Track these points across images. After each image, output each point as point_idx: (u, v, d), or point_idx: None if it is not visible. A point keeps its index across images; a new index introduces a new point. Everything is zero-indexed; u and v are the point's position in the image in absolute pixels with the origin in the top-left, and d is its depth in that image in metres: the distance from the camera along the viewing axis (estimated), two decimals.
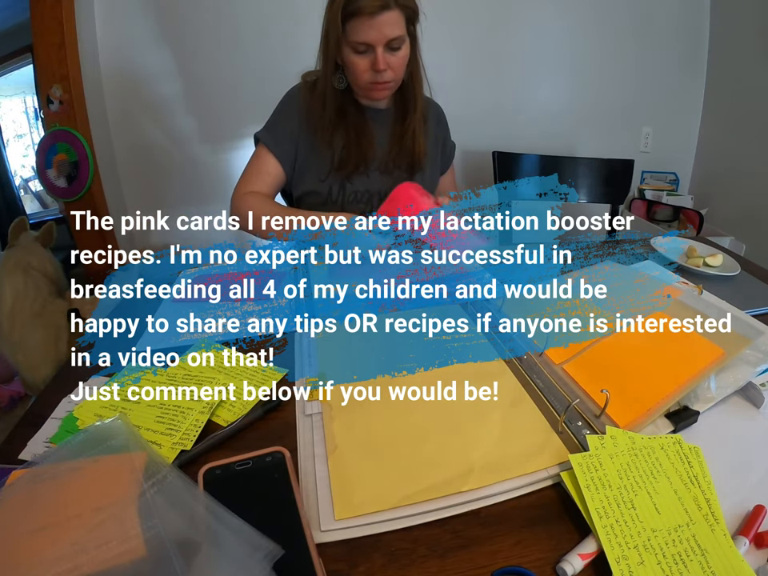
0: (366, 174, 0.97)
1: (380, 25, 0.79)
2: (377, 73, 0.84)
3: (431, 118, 1.03)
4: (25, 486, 0.39)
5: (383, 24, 0.79)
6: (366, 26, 0.79)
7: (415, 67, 0.92)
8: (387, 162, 0.98)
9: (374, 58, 0.82)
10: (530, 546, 0.38)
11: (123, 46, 1.75)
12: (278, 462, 0.41)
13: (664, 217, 1.97)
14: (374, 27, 0.79)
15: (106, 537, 0.34)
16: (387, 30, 0.80)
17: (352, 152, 0.94)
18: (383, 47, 0.81)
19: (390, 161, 0.98)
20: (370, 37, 0.80)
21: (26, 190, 2.52)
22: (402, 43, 0.84)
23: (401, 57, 0.85)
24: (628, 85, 2.05)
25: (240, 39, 1.78)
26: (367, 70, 0.84)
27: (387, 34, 0.80)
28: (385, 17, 0.78)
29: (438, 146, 1.07)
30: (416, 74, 0.93)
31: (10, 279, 1.45)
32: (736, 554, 0.35)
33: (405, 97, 0.95)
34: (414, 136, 0.95)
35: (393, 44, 0.82)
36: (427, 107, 1.01)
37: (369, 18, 0.78)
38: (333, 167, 0.95)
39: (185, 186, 1.95)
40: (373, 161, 0.97)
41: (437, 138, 1.06)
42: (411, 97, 0.94)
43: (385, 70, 0.84)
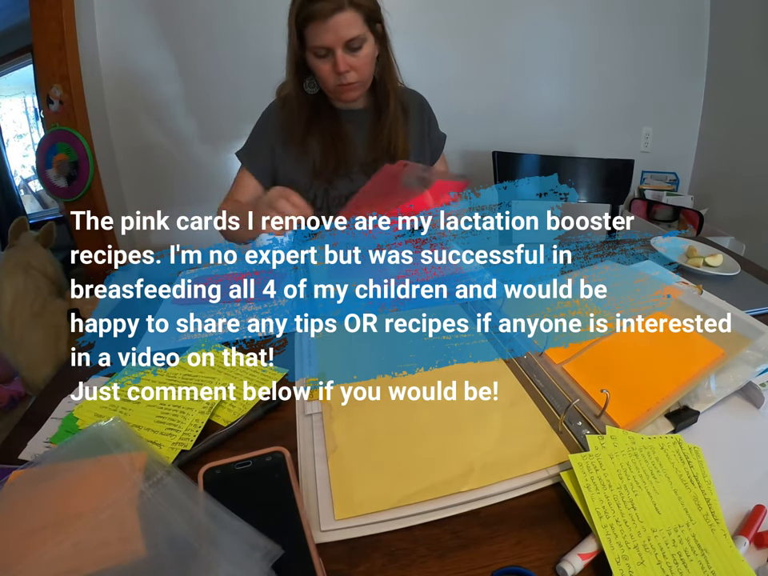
0: (349, 176, 0.96)
1: (335, 27, 0.78)
2: (339, 75, 0.84)
3: (413, 110, 1.02)
4: (25, 486, 0.39)
5: (338, 26, 0.78)
6: (322, 30, 0.79)
7: (387, 64, 0.91)
8: (369, 163, 0.96)
9: (334, 60, 0.82)
10: (530, 546, 0.38)
11: (123, 45, 1.75)
12: (278, 461, 0.41)
13: (664, 217, 1.97)
14: (329, 30, 0.78)
15: (106, 537, 0.34)
16: (343, 32, 0.79)
17: (329, 157, 0.93)
18: (342, 49, 0.81)
19: (372, 161, 0.96)
20: (326, 40, 0.80)
21: (26, 190, 2.52)
22: (363, 43, 0.82)
23: (362, 56, 0.84)
24: (628, 85, 2.06)
25: (240, 39, 1.78)
26: (330, 72, 0.84)
27: (343, 36, 0.79)
28: (339, 18, 0.78)
29: (424, 139, 1.05)
30: (388, 71, 0.92)
31: (10, 279, 1.46)
32: (736, 553, 0.35)
33: (377, 95, 0.95)
34: (390, 133, 0.94)
35: (352, 44, 0.81)
36: (408, 100, 0.99)
37: (323, 21, 0.78)
38: (314, 174, 0.95)
39: (185, 186, 1.95)
40: (353, 163, 0.96)
41: (422, 131, 1.04)
42: (384, 95, 0.93)
43: (347, 71, 0.83)
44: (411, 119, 1.00)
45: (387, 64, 0.91)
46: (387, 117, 0.94)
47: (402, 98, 0.97)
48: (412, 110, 1.01)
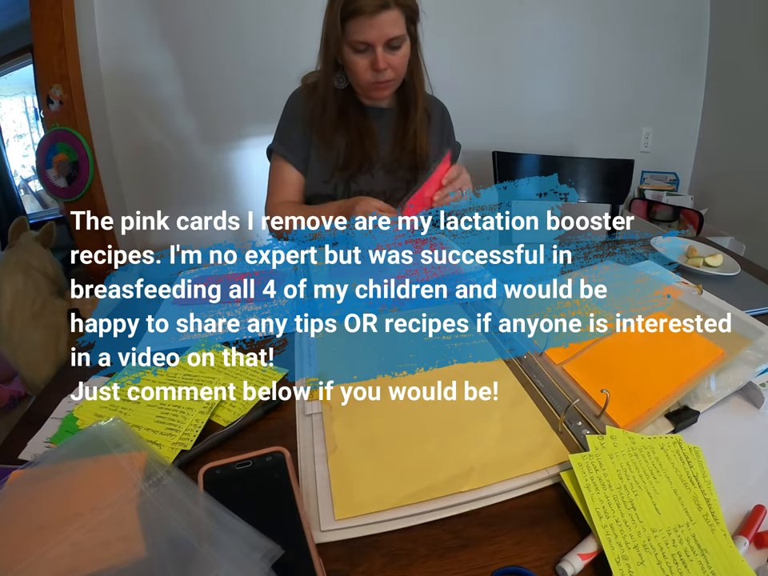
0: (371, 173, 0.98)
1: (380, 24, 0.79)
2: (377, 72, 0.85)
3: (435, 117, 1.04)
4: (25, 485, 0.39)
5: (383, 23, 0.79)
6: (366, 26, 0.79)
7: (416, 66, 0.93)
8: (391, 162, 0.98)
9: (374, 57, 0.83)
10: (530, 546, 0.38)
11: (123, 46, 1.75)
12: (278, 461, 0.41)
13: (664, 217, 1.97)
14: (373, 27, 0.79)
15: (106, 537, 0.34)
16: (387, 30, 0.80)
17: (355, 152, 0.94)
18: (383, 46, 0.82)
19: (394, 160, 0.98)
20: (370, 36, 0.80)
21: (26, 190, 2.52)
22: (402, 42, 0.84)
23: (401, 56, 0.85)
24: (628, 85, 2.06)
25: (240, 39, 1.78)
26: (367, 69, 0.85)
27: (387, 33, 0.81)
28: (384, 16, 0.79)
29: (444, 145, 1.07)
30: (417, 73, 0.93)
31: (10, 279, 1.45)
32: (736, 554, 0.35)
33: (406, 96, 0.96)
34: (416, 135, 0.96)
35: (393, 43, 0.83)
36: (431, 106, 1.01)
37: (369, 17, 0.78)
38: (337, 168, 0.96)
39: (185, 186, 1.95)
40: (376, 160, 0.97)
41: (441, 137, 1.06)
42: (413, 96, 0.95)
43: (385, 69, 0.84)
44: (433, 124, 1.03)
45: (417, 66, 0.93)
46: (414, 119, 0.95)
47: (427, 103, 0.98)
48: (434, 116, 1.03)
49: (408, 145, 0.97)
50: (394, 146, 0.98)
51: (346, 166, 0.95)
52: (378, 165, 0.98)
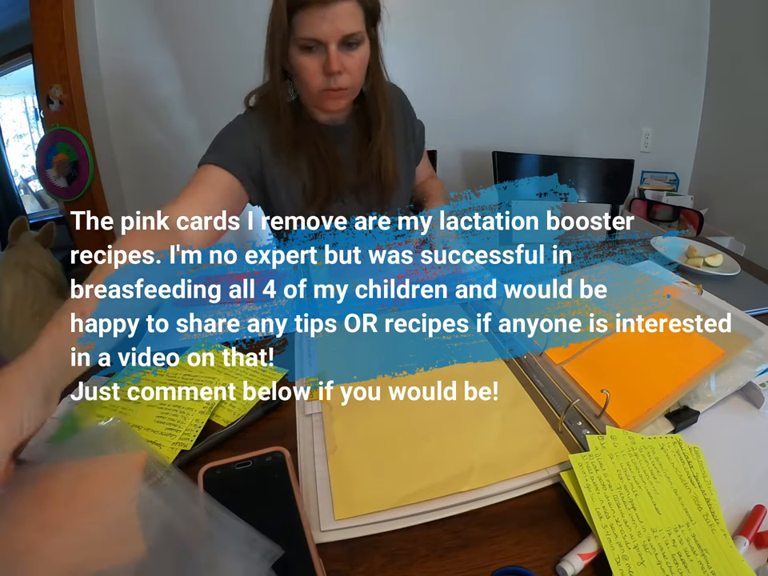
0: (342, 200, 0.87)
1: (333, 17, 0.67)
2: (329, 76, 0.72)
3: (397, 112, 0.91)
4: (25, 486, 0.39)
5: (337, 16, 0.67)
6: (317, 18, 0.66)
7: (378, 75, 0.80)
8: (358, 187, 0.87)
9: (327, 57, 0.69)
10: (530, 546, 0.37)
11: (123, 46, 1.75)
12: (278, 461, 0.41)
13: (664, 217, 1.97)
14: (326, 19, 0.66)
15: (106, 537, 0.34)
16: (342, 24, 0.67)
17: (321, 179, 0.83)
18: (337, 44, 0.69)
19: (361, 185, 0.87)
20: (321, 30, 0.67)
21: (25, 190, 2.52)
22: (361, 42, 0.72)
23: (358, 58, 0.73)
24: (628, 85, 2.05)
25: (240, 39, 1.78)
26: (318, 72, 0.72)
27: (342, 29, 0.68)
28: (339, 8, 0.67)
29: (410, 144, 0.97)
30: (378, 86, 0.81)
31: (10, 279, 1.46)
32: (736, 554, 0.35)
33: (366, 111, 0.84)
34: (380, 156, 0.84)
35: (349, 40, 0.70)
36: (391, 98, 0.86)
37: (320, 7, 0.66)
38: (306, 199, 0.85)
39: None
40: (345, 187, 0.86)
41: (406, 134, 0.95)
42: (374, 110, 0.82)
43: (339, 72, 0.71)
44: (397, 127, 0.91)
45: (378, 76, 0.80)
46: (378, 138, 0.83)
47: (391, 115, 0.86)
48: (396, 113, 0.91)
49: (372, 166, 0.85)
50: (358, 169, 0.86)
51: (314, 197, 0.84)
52: (348, 191, 0.87)
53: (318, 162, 0.82)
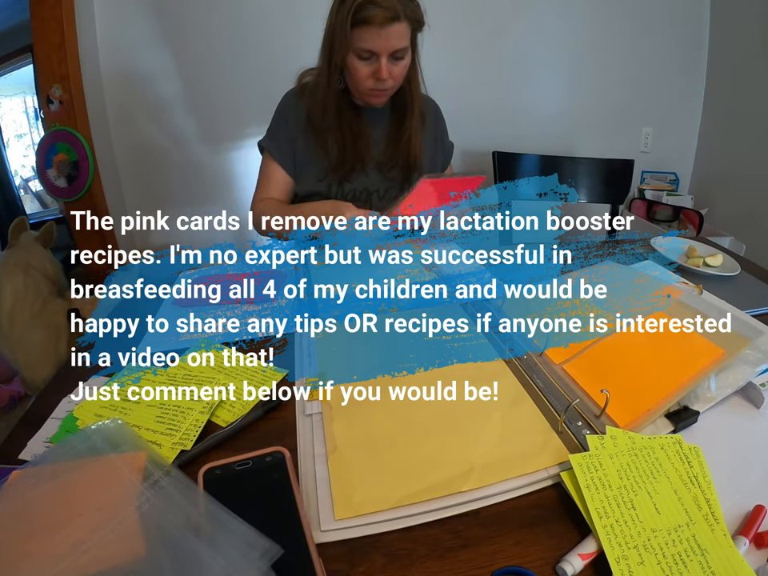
0: (365, 171, 0.98)
1: (388, 35, 0.80)
2: (378, 81, 0.85)
3: (429, 117, 1.04)
4: (25, 485, 0.39)
5: (391, 35, 0.80)
6: (375, 35, 0.80)
7: (413, 73, 0.93)
8: (384, 161, 0.98)
9: (378, 66, 0.83)
10: (530, 546, 0.38)
11: (123, 46, 1.75)
12: (278, 462, 0.41)
13: (664, 217, 1.97)
14: (381, 37, 0.80)
15: (106, 537, 0.34)
16: (394, 41, 0.81)
17: (348, 153, 0.94)
18: (387, 57, 0.82)
19: (387, 160, 0.98)
20: (377, 46, 0.81)
21: (25, 190, 2.52)
22: (406, 53, 0.85)
23: (402, 66, 0.86)
24: (628, 85, 2.05)
25: (240, 39, 1.78)
26: (369, 77, 0.85)
27: (393, 45, 0.81)
28: (393, 28, 0.79)
29: (438, 145, 1.08)
30: (414, 80, 0.94)
31: (10, 279, 1.45)
32: (736, 554, 0.35)
33: (403, 101, 0.96)
34: (410, 139, 0.96)
35: (397, 54, 0.83)
36: (426, 106, 1.01)
37: (378, 27, 0.79)
38: (330, 168, 0.96)
39: (185, 186, 1.94)
40: (369, 159, 0.97)
41: (435, 137, 1.06)
42: (409, 101, 0.95)
43: (387, 79, 0.85)
44: (427, 126, 1.02)
45: (414, 73, 0.93)
46: (410, 123, 0.95)
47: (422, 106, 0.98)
48: (428, 118, 1.03)
49: (402, 147, 0.97)
50: (387, 146, 0.98)
51: (339, 167, 0.95)
52: (371, 164, 0.98)
53: (348, 138, 0.94)
